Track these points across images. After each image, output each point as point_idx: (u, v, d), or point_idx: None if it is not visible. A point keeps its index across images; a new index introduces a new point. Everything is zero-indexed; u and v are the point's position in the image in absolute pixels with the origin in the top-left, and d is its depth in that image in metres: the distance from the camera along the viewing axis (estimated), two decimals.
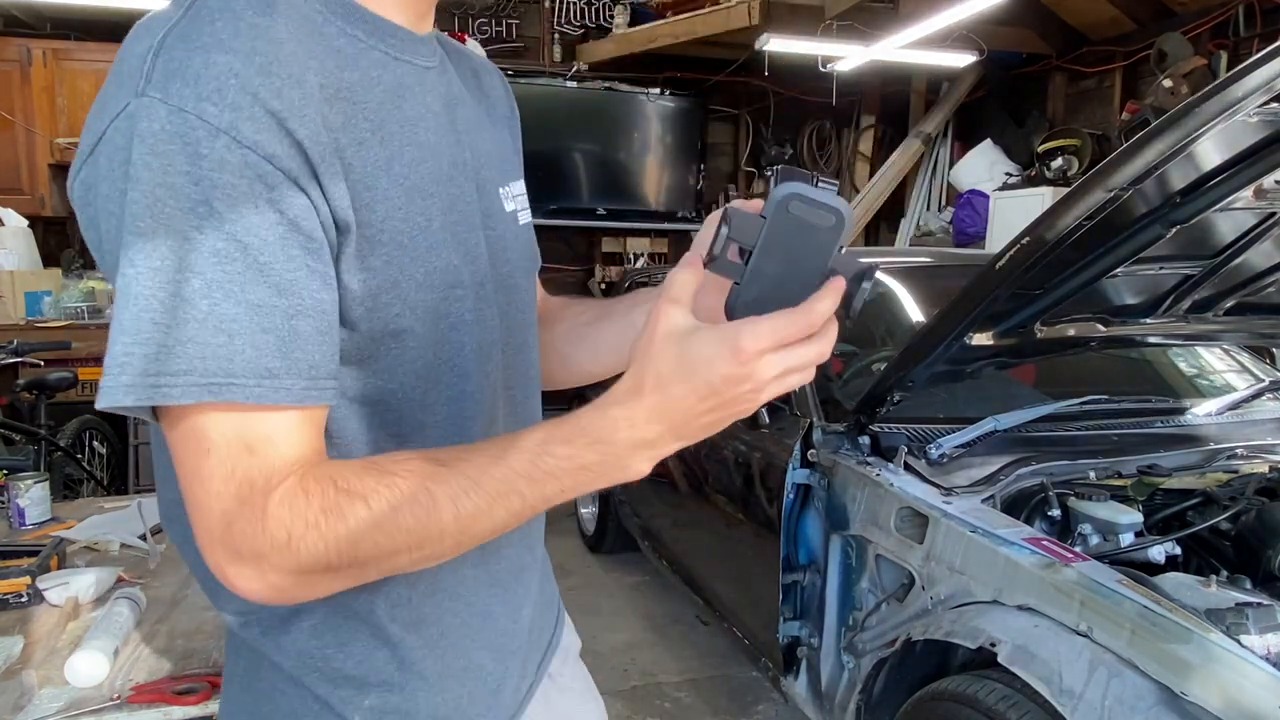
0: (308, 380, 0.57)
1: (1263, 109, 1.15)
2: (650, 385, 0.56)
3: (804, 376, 0.58)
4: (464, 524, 0.58)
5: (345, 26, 0.64)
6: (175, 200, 0.53)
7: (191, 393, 0.53)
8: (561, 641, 0.96)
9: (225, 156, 0.53)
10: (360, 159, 0.61)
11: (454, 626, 0.75)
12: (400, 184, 0.64)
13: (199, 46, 0.54)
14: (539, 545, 0.86)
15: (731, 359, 0.54)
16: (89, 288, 4.75)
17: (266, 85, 0.54)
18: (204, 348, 0.53)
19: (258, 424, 0.56)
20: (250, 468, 0.56)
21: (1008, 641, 1.42)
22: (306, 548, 0.55)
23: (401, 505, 0.56)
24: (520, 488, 0.58)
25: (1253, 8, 4.40)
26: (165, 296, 0.53)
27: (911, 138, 6.15)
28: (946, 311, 1.65)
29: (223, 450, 0.55)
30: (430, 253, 0.65)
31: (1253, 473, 1.85)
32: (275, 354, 0.55)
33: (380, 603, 0.70)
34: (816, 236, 0.57)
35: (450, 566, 0.71)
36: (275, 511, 0.55)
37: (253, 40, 0.55)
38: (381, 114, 0.63)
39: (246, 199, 0.54)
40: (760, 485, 2.21)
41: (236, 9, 0.57)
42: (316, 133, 0.57)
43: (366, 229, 0.61)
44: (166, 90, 0.53)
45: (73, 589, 1.52)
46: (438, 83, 0.71)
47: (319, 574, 0.57)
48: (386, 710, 0.72)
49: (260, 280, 0.55)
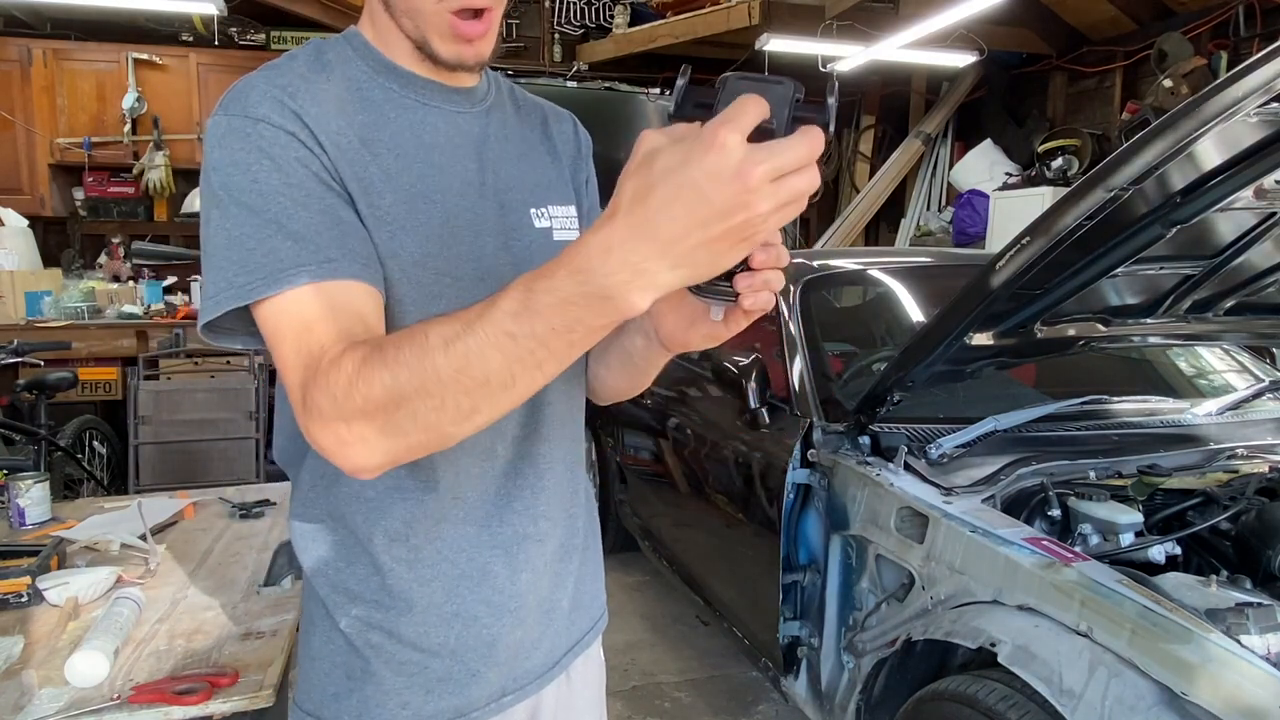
0: (361, 263, 0.75)
1: (1263, 109, 1.15)
2: (627, 202, 0.53)
3: (798, 208, 0.54)
4: (459, 362, 0.61)
5: (383, 81, 0.85)
6: (236, 166, 0.74)
7: (270, 285, 0.71)
8: (587, 651, 1.04)
9: (264, 132, 0.75)
10: (377, 162, 0.80)
11: (451, 575, 0.87)
12: (408, 188, 0.81)
13: (252, 84, 0.78)
14: (544, 521, 0.93)
15: (734, 180, 0.51)
16: (89, 288, 4.76)
17: (291, 99, 0.77)
18: (279, 253, 0.72)
19: (309, 306, 0.72)
20: (310, 342, 0.71)
21: (1008, 641, 1.42)
22: (345, 396, 0.66)
23: (402, 345, 0.64)
24: (509, 326, 0.59)
25: (1253, 8, 4.40)
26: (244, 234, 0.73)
27: (911, 138, 6.16)
28: (946, 311, 1.66)
29: (291, 335, 0.72)
30: (426, 242, 0.81)
31: (1253, 473, 1.84)
32: (333, 246, 0.74)
33: (379, 534, 0.85)
34: (772, 90, 0.56)
35: (454, 522, 0.86)
36: (324, 372, 0.68)
37: (290, 78, 0.79)
38: (399, 139, 0.83)
39: (283, 155, 0.75)
40: (760, 485, 2.21)
41: (294, 65, 0.81)
42: (331, 133, 0.78)
43: (377, 210, 0.79)
44: (227, 109, 0.77)
45: (73, 589, 1.52)
46: (470, 124, 0.89)
47: (363, 421, 0.66)
48: (370, 624, 0.86)
49: (307, 203, 0.74)
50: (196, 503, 2.15)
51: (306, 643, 0.91)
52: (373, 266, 0.77)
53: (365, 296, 0.75)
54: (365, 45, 0.86)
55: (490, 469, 0.88)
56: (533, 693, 0.95)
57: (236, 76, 0.81)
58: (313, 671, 0.90)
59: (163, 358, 4.01)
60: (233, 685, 1.27)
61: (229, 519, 2.05)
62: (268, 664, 1.33)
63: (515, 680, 0.93)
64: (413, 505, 0.85)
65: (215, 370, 3.93)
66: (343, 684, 0.88)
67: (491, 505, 0.89)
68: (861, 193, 6.22)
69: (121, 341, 4.50)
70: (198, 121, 5.13)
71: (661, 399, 3.03)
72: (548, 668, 0.97)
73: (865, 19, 4.92)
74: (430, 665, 0.88)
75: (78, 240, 5.43)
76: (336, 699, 0.88)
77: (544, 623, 0.95)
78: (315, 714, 0.89)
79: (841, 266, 2.83)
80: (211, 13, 4.54)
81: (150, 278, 5.04)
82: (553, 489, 0.93)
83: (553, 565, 0.95)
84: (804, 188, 0.53)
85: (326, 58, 0.84)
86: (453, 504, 0.86)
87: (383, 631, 0.86)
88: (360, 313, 0.74)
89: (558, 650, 0.98)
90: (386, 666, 0.87)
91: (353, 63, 0.85)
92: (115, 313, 4.65)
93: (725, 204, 0.51)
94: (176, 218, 5.40)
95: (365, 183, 0.79)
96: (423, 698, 0.88)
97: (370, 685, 0.87)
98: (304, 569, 0.90)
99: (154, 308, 4.78)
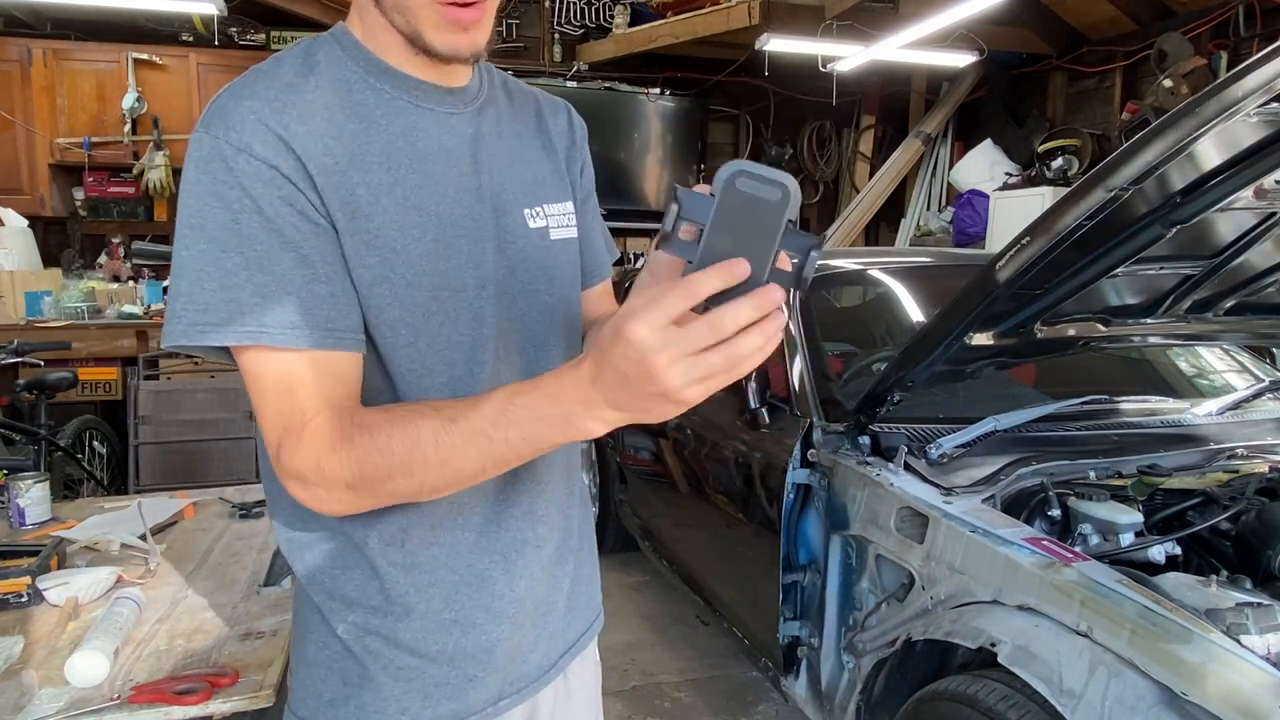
0: (324, 330, 0.74)
1: (1263, 109, 1.15)
2: (591, 367, 0.63)
3: (725, 379, 0.60)
4: (444, 455, 0.70)
5: (375, 83, 0.82)
6: (217, 198, 0.73)
7: (233, 336, 0.72)
8: (584, 653, 1.04)
9: (246, 167, 0.73)
10: (366, 180, 0.78)
11: (450, 582, 0.87)
12: (400, 203, 0.79)
13: (238, 96, 0.75)
14: (542, 526, 0.93)
15: (639, 366, 0.59)
16: (89, 288, 4.76)
17: (276, 117, 0.74)
18: (242, 305, 0.72)
19: (295, 370, 0.74)
20: (292, 407, 0.74)
21: (1008, 641, 1.42)
22: (330, 468, 0.72)
23: (395, 434, 0.71)
24: (488, 430, 0.68)
25: (1253, 8, 4.40)
26: (213, 270, 0.72)
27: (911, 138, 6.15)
28: (946, 311, 1.65)
29: (271, 393, 0.74)
30: (420, 259, 0.80)
31: (1253, 473, 1.84)
32: (296, 310, 0.73)
33: (374, 538, 0.84)
34: (765, 211, 0.58)
35: (450, 528, 0.86)
36: (308, 441, 0.72)
37: (278, 91, 0.76)
38: (391, 150, 0.80)
39: (265, 195, 0.73)
40: (760, 485, 2.21)
41: (281, 71, 0.78)
42: (316, 155, 0.75)
43: (364, 234, 0.77)
44: (209, 126, 0.74)
45: (73, 589, 1.52)
46: (464, 125, 0.87)
47: (343, 489, 0.73)
48: (368, 630, 0.86)
49: (285, 253, 0.73)
50: (196, 503, 2.15)
51: (301, 649, 0.91)
52: (337, 327, 0.76)
53: (345, 361, 0.77)
54: (355, 44, 0.83)
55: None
56: (529, 695, 0.95)
57: (236, 76, 0.79)
58: (308, 678, 0.89)
59: (163, 358, 4.01)
60: (233, 685, 1.27)
61: (229, 519, 2.05)
62: (268, 664, 1.33)
63: (512, 684, 0.93)
64: (409, 511, 0.84)
65: (215, 370, 3.93)
66: (339, 690, 0.87)
67: (490, 511, 0.88)
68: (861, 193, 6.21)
69: (121, 341, 4.50)
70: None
71: None
72: (544, 670, 0.97)
73: (865, 19, 4.92)
74: (428, 671, 0.87)
75: (78, 240, 5.43)
76: (333, 705, 0.87)
77: (540, 625, 0.95)
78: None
79: (841, 266, 2.83)
80: (211, 13, 4.54)
81: (150, 278, 5.04)
82: (550, 492, 0.93)
83: (550, 568, 0.95)
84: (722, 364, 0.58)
85: (315, 59, 0.81)
86: (450, 511, 0.86)
87: (380, 637, 0.86)
88: (326, 375, 0.75)
89: (554, 652, 0.98)
90: (384, 672, 0.86)
91: (342, 63, 0.82)
92: (115, 313, 4.65)
93: (641, 383, 0.59)
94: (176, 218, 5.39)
95: (352, 207, 0.77)
96: (420, 703, 0.87)
97: (368, 691, 0.86)
98: (297, 574, 0.89)
99: (154, 308, 4.78)
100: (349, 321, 0.77)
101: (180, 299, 0.73)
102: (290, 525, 0.88)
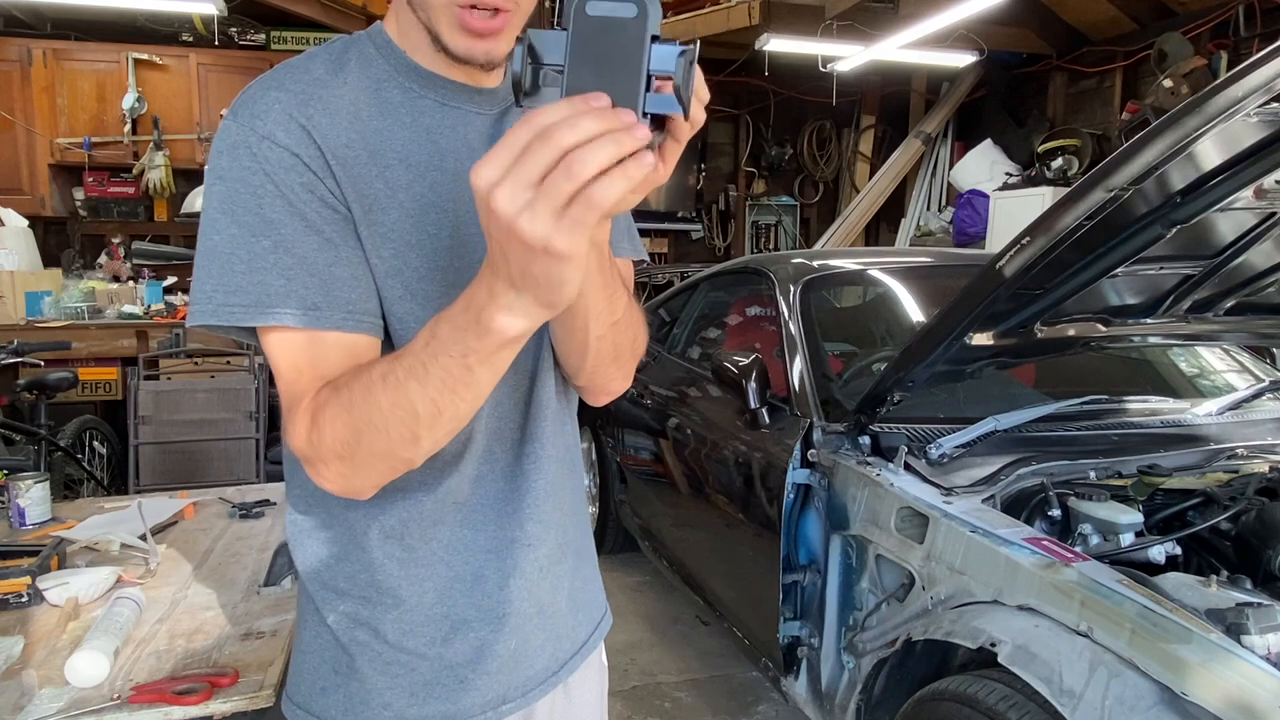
0: (344, 313, 0.76)
1: (1263, 109, 1.15)
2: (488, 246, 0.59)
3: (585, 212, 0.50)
4: (394, 397, 0.68)
5: (404, 81, 0.84)
6: (243, 184, 0.74)
7: (261, 318, 0.73)
8: (590, 656, 1.03)
9: (269, 153, 0.75)
10: (385, 176, 0.80)
11: (445, 577, 0.88)
12: (418, 199, 0.81)
13: (266, 87, 0.78)
14: (530, 525, 0.91)
15: (476, 200, 0.52)
16: (89, 288, 4.76)
17: (301, 109, 0.77)
18: (269, 287, 0.74)
19: (312, 350, 0.75)
20: (297, 386, 0.75)
21: (1008, 641, 1.42)
22: (317, 440, 0.73)
23: (354, 387, 0.71)
24: (422, 357, 0.66)
25: (1253, 8, 4.40)
26: (243, 253, 0.74)
27: (911, 138, 6.16)
28: (947, 311, 1.65)
29: (284, 372, 0.76)
30: (435, 255, 0.81)
31: (1253, 473, 1.84)
32: (320, 292, 0.75)
33: (374, 530, 0.85)
34: (625, 32, 0.51)
35: (450, 525, 0.87)
36: (301, 417, 0.74)
37: (305, 85, 0.78)
38: (411, 148, 0.82)
39: (288, 181, 0.75)
40: (760, 485, 2.21)
41: (312, 67, 0.81)
42: (338, 147, 0.77)
43: (380, 227, 0.79)
44: (237, 114, 0.77)
45: (73, 589, 1.52)
46: (488, 125, 0.88)
47: (336, 460, 0.73)
48: (356, 621, 0.87)
49: (309, 235, 0.75)
50: (196, 503, 2.15)
51: (299, 636, 0.93)
52: (357, 310, 0.77)
53: (363, 344, 0.78)
54: (388, 43, 0.85)
55: (490, 472, 0.88)
56: (535, 699, 0.95)
57: (237, 76, 0.80)
58: (303, 665, 0.91)
59: (163, 358, 4.02)
60: (233, 685, 1.27)
61: (229, 519, 2.05)
62: (268, 664, 1.33)
63: (516, 688, 0.93)
64: (411, 505, 0.85)
65: (215, 370, 3.94)
66: (330, 679, 0.89)
67: (489, 509, 0.88)
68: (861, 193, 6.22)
69: (121, 341, 4.50)
70: (198, 121, 5.13)
71: (661, 399, 3.03)
72: (551, 673, 0.96)
73: (865, 19, 4.92)
74: (417, 668, 0.88)
75: (78, 240, 5.43)
76: (324, 693, 0.89)
77: (544, 628, 0.95)
78: (304, 706, 0.90)
79: (841, 266, 2.83)
80: (211, 13, 4.54)
81: (150, 278, 5.04)
82: (547, 492, 0.93)
83: (548, 569, 0.94)
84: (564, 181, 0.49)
85: (347, 57, 0.83)
86: (452, 507, 0.86)
87: (368, 629, 0.87)
88: (343, 357, 0.76)
89: (561, 655, 0.98)
90: (371, 665, 0.87)
91: (374, 62, 0.84)
92: (115, 313, 4.65)
93: (504, 237, 0.52)
94: (177, 218, 5.39)
95: (369, 200, 0.78)
96: (406, 699, 0.87)
97: (354, 682, 0.88)
98: (297, 563, 0.91)
99: (154, 308, 4.78)
100: (369, 305, 0.78)
101: (210, 280, 0.74)
102: (297, 508, 0.90)
